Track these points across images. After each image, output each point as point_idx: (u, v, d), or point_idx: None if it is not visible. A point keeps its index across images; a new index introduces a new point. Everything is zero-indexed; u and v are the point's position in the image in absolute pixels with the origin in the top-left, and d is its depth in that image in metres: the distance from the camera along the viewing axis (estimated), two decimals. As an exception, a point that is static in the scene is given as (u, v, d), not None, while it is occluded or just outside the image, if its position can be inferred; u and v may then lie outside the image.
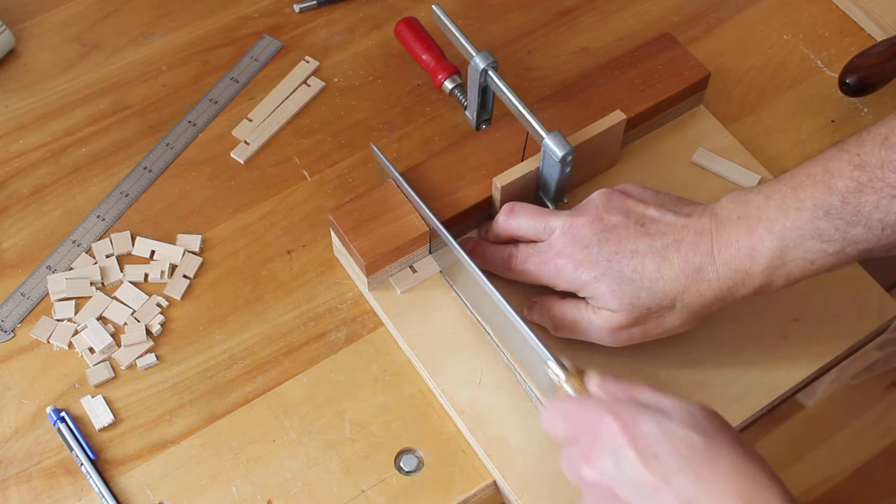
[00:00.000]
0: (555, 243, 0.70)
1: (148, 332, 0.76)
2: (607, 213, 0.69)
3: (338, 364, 0.75)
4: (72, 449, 0.71)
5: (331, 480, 0.70)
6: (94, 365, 0.74)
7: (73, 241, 0.80)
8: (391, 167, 0.75)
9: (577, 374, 0.65)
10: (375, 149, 0.74)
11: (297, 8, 0.93)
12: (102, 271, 0.78)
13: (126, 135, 0.86)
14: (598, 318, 0.69)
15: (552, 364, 0.66)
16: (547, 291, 0.73)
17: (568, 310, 0.71)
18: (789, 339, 0.75)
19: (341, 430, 0.72)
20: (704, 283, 0.66)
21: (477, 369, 0.73)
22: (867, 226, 0.61)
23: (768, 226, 0.64)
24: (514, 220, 0.73)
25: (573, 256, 0.68)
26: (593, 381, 0.63)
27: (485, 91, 0.80)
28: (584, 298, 0.70)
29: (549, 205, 0.78)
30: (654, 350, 0.73)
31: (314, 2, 0.93)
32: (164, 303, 0.77)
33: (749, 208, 0.65)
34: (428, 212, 0.73)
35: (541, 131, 0.73)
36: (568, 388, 0.64)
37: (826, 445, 1.18)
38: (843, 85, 0.85)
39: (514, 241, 0.74)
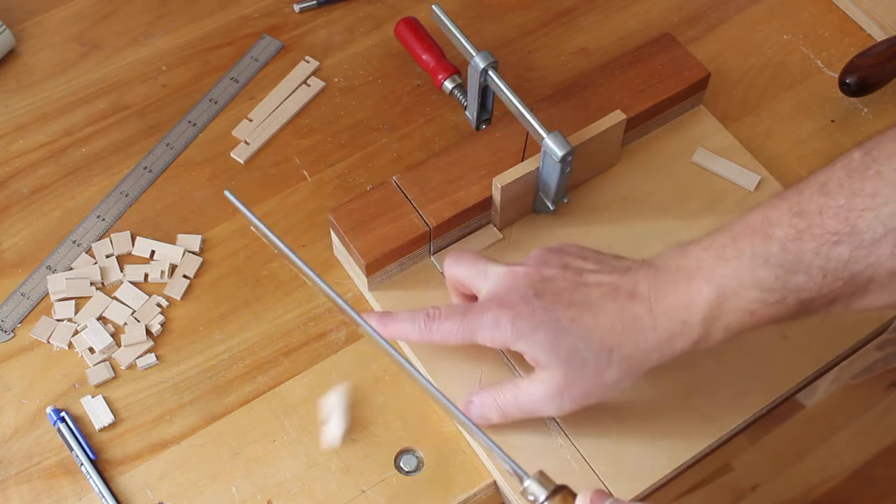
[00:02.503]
0: (490, 293, 0.67)
1: (148, 332, 0.76)
2: (546, 267, 0.67)
3: (338, 364, 0.75)
4: (72, 449, 0.71)
5: (331, 480, 0.70)
6: (94, 365, 0.74)
7: (73, 241, 0.80)
8: (246, 210, 0.69)
9: (564, 494, 0.60)
10: (230, 194, 0.69)
11: (297, 8, 0.93)
12: (102, 271, 0.78)
13: (126, 135, 0.86)
14: (536, 385, 0.66)
15: (531, 484, 0.61)
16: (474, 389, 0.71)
17: (506, 392, 0.68)
18: (789, 339, 0.75)
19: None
20: (641, 333, 0.63)
21: (477, 369, 0.73)
22: (808, 273, 0.59)
23: (706, 275, 0.62)
24: (454, 267, 0.70)
25: (509, 306, 0.65)
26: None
27: (485, 91, 0.80)
28: (519, 377, 0.68)
29: (549, 205, 0.78)
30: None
31: (314, 2, 0.93)
32: (164, 303, 0.77)
33: (688, 259, 0.63)
34: (297, 259, 0.68)
35: (541, 131, 0.73)
36: None
37: (826, 445, 1.18)
38: (843, 85, 0.85)
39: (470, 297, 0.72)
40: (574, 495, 0.59)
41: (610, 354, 0.64)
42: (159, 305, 0.77)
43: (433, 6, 0.79)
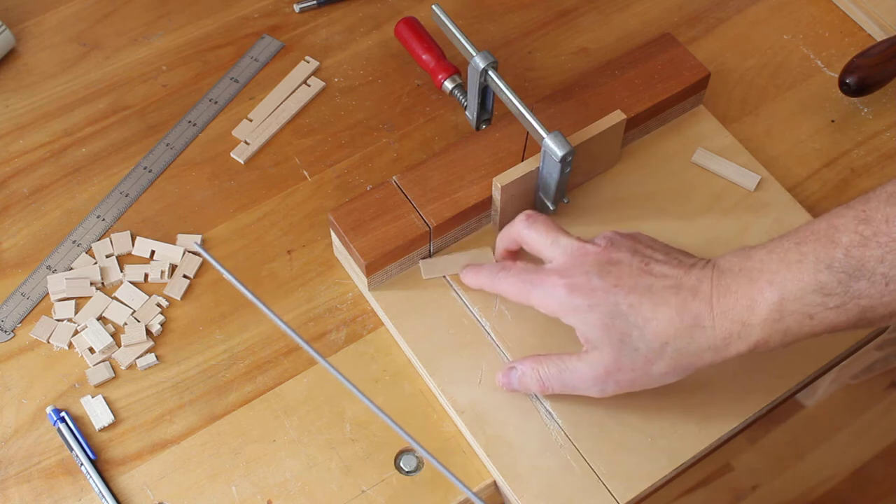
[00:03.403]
0: (556, 263, 0.69)
1: (148, 332, 0.76)
2: (615, 249, 0.68)
3: (338, 364, 0.75)
4: (72, 449, 0.71)
5: (331, 480, 0.70)
6: (94, 365, 0.74)
7: (73, 241, 0.80)
8: (216, 263, 0.71)
9: None
10: (199, 247, 0.71)
11: (297, 8, 0.93)
12: (102, 271, 0.78)
13: (126, 135, 0.86)
14: (584, 364, 0.67)
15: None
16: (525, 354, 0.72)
17: (550, 366, 0.69)
18: (789, 339, 0.75)
19: (341, 430, 0.72)
20: (699, 329, 0.64)
21: (477, 369, 0.73)
22: (871, 280, 0.60)
23: (769, 278, 0.62)
24: (527, 229, 0.71)
25: (571, 279, 0.67)
26: None
27: (485, 91, 0.80)
28: (566, 353, 0.68)
29: (549, 205, 0.78)
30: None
31: (314, 2, 0.93)
32: (164, 303, 0.77)
33: (752, 261, 0.64)
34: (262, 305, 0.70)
35: (541, 131, 0.73)
36: None
37: (826, 445, 1.18)
38: (843, 85, 0.85)
39: (514, 254, 0.74)
40: None
41: (664, 347, 0.65)
42: (159, 305, 0.77)
43: (433, 6, 0.79)
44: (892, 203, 0.60)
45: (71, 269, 0.79)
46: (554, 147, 0.72)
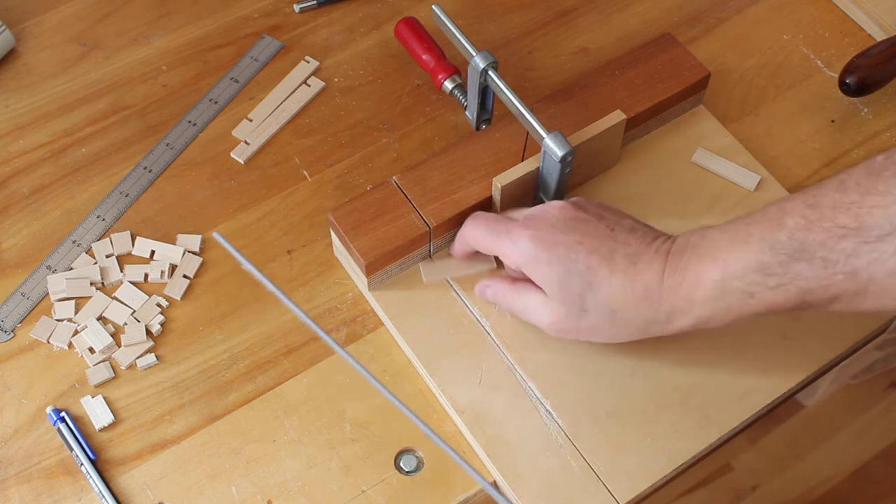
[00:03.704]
0: (526, 217, 0.71)
1: (148, 332, 0.76)
2: (582, 210, 0.70)
3: (338, 364, 0.75)
4: (72, 449, 0.71)
5: (331, 480, 0.70)
6: (94, 365, 0.74)
7: (73, 241, 0.80)
8: (235, 251, 0.69)
9: None
10: (219, 237, 0.70)
11: (297, 8, 0.93)
12: (102, 271, 0.78)
13: (126, 135, 0.86)
14: (540, 309, 0.70)
15: None
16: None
17: (517, 299, 0.71)
18: (789, 339, 0.75)
19: (341, 430, 0.72)
20: (647, 303, 0.66)
21: (477, 369, 0.73)
22: (810, 262, 0.61)
23: (715, 255, 0.64)
24: (474, 228, 0.73)
25: (536, 231, 0.68)
26: None
27: (485, 91, 0.80)
28: (534, 286, 0.70)
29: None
30: (654, 350, 0.73)
31: (314, 2, 0.93)
32: (164, 303, 0.77)
33: (704, 240, 0.66)
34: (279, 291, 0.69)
35: (541, 131, 0.73)
36: None
37: (826, 445, 1.18)
38: (843, 85, 0.85)
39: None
40: None
41: (613, 315, 0.67)
42: (159, 305, 0.77)
43: (433, 6, 0.79)
44: (841, 189, 0.61)
45: (71, 269, 0.79)
46: (554, 147, 0.72)
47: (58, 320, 0.76)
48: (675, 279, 0.65)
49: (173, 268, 0.79)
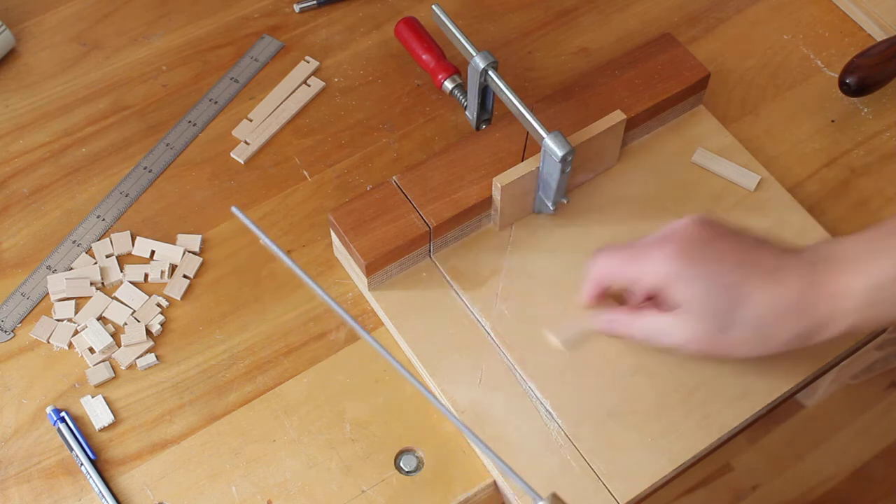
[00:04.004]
0: (661, 235, 0.69)
1: (148, 332, 0.76)
2: (717, 224, 0.68)
3: (338, 364, 0.75)
4: (72, 449, 0.71)
5: (331, 480, 0.70)
6: (94, 365, 0.74)
7: (73, 241, 0.80)
8: (254, 226, 0.66)
9: None
10: (237, 211, 0.66)
11: (297, 8, 0.93)
12: (102, 271, 0.78)
13: (126, 135, 0.86)
14: (676, 328, 0.67)
15: None
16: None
17: (644, 324, 0.69)
18: (789, 339, 0.75)
19: (341, 430, 0.72)
20: (795, 316, 0.65)
21: (477, 369, 0.73)
22: None
23: (860, 266, 0.64)
24: (604, 263, 0.71)
25: (678, 247, 0.67)
26: None
27: (485, 91, 0.80)
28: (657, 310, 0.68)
29: (549, 205, 0.78)
30: (655, 350, 0.73)
31: (314, 2, 0.93)
32: (164, 303, 0.77)
33: (845, 250, 0.65)
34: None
35: (541, 131, 0.73)
36: None
37: (826, 445, 1.18)
38: (843, 85, 0.85)
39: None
40: None
41: (760, 329, 0.66)
42: (159, 305, 0.77)
43: (433, 6, 0.79)
44: None
45: (71, 269, 0.79)
46: (554, 147, 0.72)
47: (58, 320, 0.76)
48: (823, 291, 0.65)
49: (173, 268, 0.79)
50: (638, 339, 0.70)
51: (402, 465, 0.71)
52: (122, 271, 0.79)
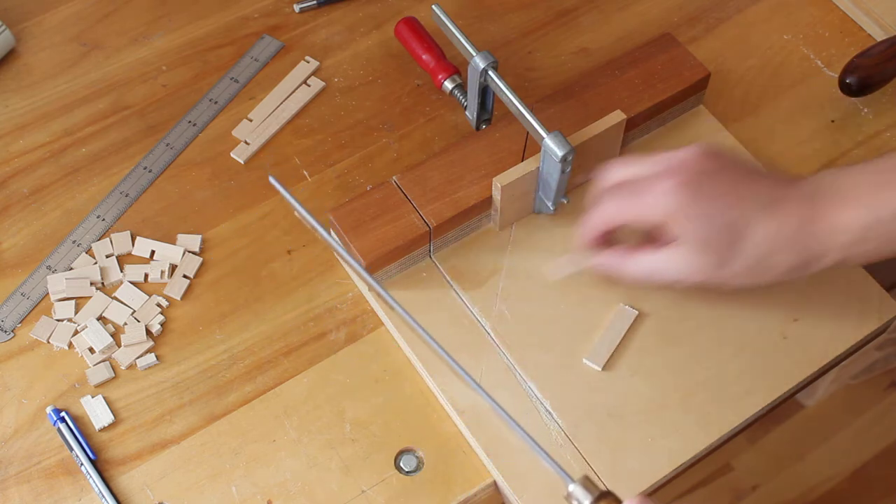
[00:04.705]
0: (665, 169, 0.68)
1: (148, 332, 0.76)
2: (717, 156, 0.68)
3: (338, 364, 0.75)
4: (72, 449, 0.71)
5: (331, 480, 0.70)
6: (94, 365, 0.74)
7: (73, 241, 0.80)
8: (287, 194, 0.67)
9: (609, 501, 0.58)
10: (273, 180, 0.67)
11: (297, 8, 0.93)
12: (102, 271, 0.78)
13: (126, 135, 0.86)
14: (677, 260, 0.68)
15: (575, 489, 0.59)
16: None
17: (644, 256, 0.69)
18: (789, 339, 0.75)
19: (341, 430, 0.72)
20: (793, 247, 0.66)
21: (477, 369, 0.73)
22: None
23: (860, 198, 0.64)
24: (620, 166, 0.71)
25: (684, 179, 0.66)
26: None
27: (485, 91, 0.80)
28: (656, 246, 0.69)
29: (549, 205, 0.78)
30: (655, 350, 0.73)
31: (314, 2, 0.93)
32: (164, 303, 0.77)
33: (845, 182, 0.66)
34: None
35: (541, 131, 0.73)
36: None
37: (826, 445, 1.18)
38: (843, 85, 0.85)
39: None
40: (619, 501, 0.58)
41: (759, 261, 0.66)
42: (159, 305, 0.77)
43: (433, 6, 0.79)
44: None
45: (71, 269, 0.79)
46: (554, 147, 0.72)
47: (58, 320, 0.76)
48: (822, 223, 0.65)
49: (173, 268, 0.79)
50: (635, 277, 0.70)
51: (402, 465, 0.71)
52: (122, 271, 0.79)
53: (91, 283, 0.78)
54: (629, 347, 0.73)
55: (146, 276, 0.78)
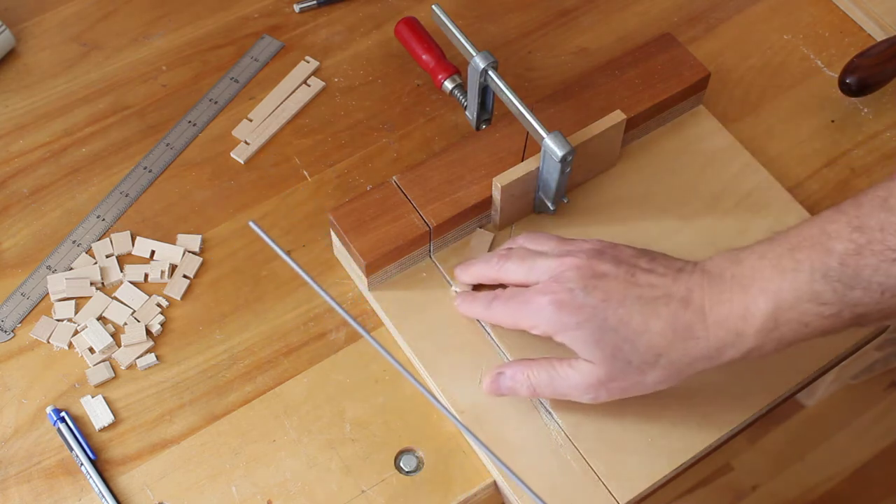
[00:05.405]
0: (542, 282, 0.68)
1: (148, 332, 0.76)
2: (598, 260, 0.67)
3: (338, 364, 0.75)
4: (72, 449, 0.71)
5: (331, 480, 0.70)
6: (94, 365, 0.74)
7: (73, 241, 0.80)
8: (272, 242, 0.70)
9: None
10: (254, 225, 0.70)
11: (297, 8, 0.93)
12: (102, 271, 0.78)
13: (126, 135, 0.86)
14: (576, 373, 0.66)
15: None
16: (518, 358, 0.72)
17: (541, 371, 0.68)
18: (789, 339, 0.75)
19: (341, 430, 0.72)
20: (692, 340, 0.63)
21: (477, 369, 0.73)
22: (866, 289, 0.59)
23: (763, 286, 0.61)
24: (505, 264, 0.71)
25: (556, 296, 0.66)
26: None
27: (485, 91, 0.80)
28: (556, 358, 0.68)
29: (549, 205, 0.78)
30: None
31: (314, 2, 0.93)
32: (164, 303, 0.77)
33: (743, 267, 0.63)
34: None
35: (541, 131, 0.73)
36: None
37: (826, 445, 1.18)
38: (843, 85, 0.85)
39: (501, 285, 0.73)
40: None
41: (657, 358, 0.64)
42: (159, 305, 0.77)
43: (433, 6, 0.79)
44: (886, 209, 0.59)
45: (71, 269, 0.79)
46: (554, 147, 0.72)
47: (58, 320, 0.76)
48: (720, 312, 0.63)
49: (173, 268, 0.79)
50: (546, 395, 0.69)
51: (402, 465, 0.71)
52: (122, 271, 0.79)
53: (91, 283, 0.78)
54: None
55: (146, 276, 0.78)
